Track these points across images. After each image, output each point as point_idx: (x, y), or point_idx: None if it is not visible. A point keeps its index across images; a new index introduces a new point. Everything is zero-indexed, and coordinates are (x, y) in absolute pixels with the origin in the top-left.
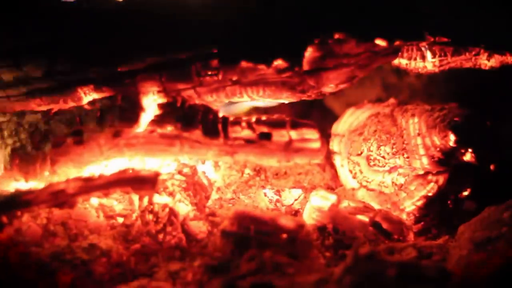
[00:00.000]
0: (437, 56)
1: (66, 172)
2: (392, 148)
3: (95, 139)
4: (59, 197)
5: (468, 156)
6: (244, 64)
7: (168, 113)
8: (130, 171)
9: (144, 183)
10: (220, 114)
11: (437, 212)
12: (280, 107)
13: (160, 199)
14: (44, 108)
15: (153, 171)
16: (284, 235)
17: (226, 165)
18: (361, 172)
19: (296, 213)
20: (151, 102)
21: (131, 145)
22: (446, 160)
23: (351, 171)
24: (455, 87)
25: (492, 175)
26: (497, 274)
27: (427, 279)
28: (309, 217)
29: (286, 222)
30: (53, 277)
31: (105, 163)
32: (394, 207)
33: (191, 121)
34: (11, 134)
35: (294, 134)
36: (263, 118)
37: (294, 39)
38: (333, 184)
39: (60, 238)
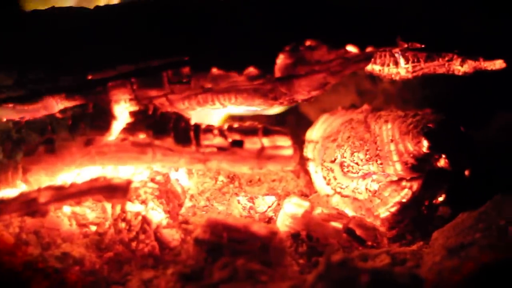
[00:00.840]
0: (410, 62)
1: (38, 180)
2: (366, 154)
3: (67, 147)
4: (31, 206)
5: (442, 162)
6: (215, 71)
7: (140, 121)
8: (102, 179)
9: (116, 191)
10: (192, 122)
11: (411, 218)
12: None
13: (132, 207)
14: (15, 116)
15: (125, 179)
16: (258, 243)
17: (199, 173)
18: (335, 178)
19: (270, 220)
20: (123, 110)
21: (103, 153)
22: (420, 166)
23: (325, 178)
24: (429, 93)
25: (466, 181)
26: (470, 280)
27: (400, 285)
28: (283, 224)
29: (259, 229)
30: (26, 286)
31: (77, 172)
32: (368, 213)
33: (163, 129)
34: None
35: (266, 141)
36: (235, 125)
37: (265, 46)
38: (307, 191)
39: (33, 247)
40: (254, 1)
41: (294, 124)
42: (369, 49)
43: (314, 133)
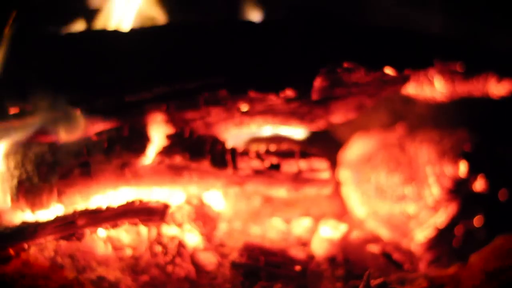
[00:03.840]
0: (445, 83)
1: (74, 203)
2: (401, 176)
3: (103, 170)
4: (66, 229)
5: (478, 185)
6: (252, 94)
7: (176, 144)
8: (138, 203)
9: (152, 214)
10: (229, 145)
11: (448, 241)
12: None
13: (168, 230)
14: (51, 139)
15: (161, 202)
16: (297, 267)
17: (234, 195)
18: (370, 201)
19: (306, 243)
20: (159, 132)
21: (139, 176)
22: (456, 189)
23: (360, 200)
24: (464, 114)
25: (503, 203)
26: None
27: None
28: (319, 248)
29: (296, 253)
30: None
31: (112, 194)
32: (404, 236)
33: (200, 152)
34: (17, 165)
35: (303, 164)
36: (272, 148)
37: (302, 68)
38: (342, 214)
39: (68, 270)
40: (291, 23)
41: (327, 145)
42: (406, 72)
43: (348, 154)
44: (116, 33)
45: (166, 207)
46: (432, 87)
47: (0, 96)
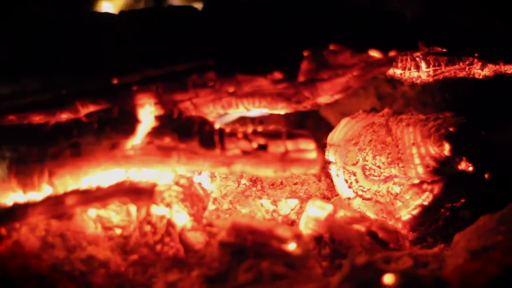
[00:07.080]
0: (431, 65)
1: (64, 183)
2: (388, 157)
3: (93, 151)
4: (57, 209)
5: (462, 165)
6: (240, 76)
7: (165, 125)
8: (128, 183)
9: (141, 194)
10: (217, 126)
11: (432, 221)
12: (275, 117)
13: (157, 210)
14: (41, 121)
15: (150, 182)
16: (284, 245)
17: (222, 176)
18: (356, 181)
19: (293, 223)
20: (148, 114)
21: (128, 157)
22: (441, 169)
23: (346, 181)
24: (449, 96)
25: (486, 184)
26: (493, 282)
27: (424, 287)
28: (306, 227)
29: (283, 232)
30: None
31: (102, 175)
32: (390, 216)
33: (188, 133)
34: (9, 146)
35: (290, 145)
36: (259, 129)
37: (289, 50)
38: (329, 194)
39: (59, 250)
40: (277, 5)
41: (314, 127)
42: (391, 54)
43: (335, 136)
44: (106, 15)
45: (154, 187)
46: (418, 69)
47: None
